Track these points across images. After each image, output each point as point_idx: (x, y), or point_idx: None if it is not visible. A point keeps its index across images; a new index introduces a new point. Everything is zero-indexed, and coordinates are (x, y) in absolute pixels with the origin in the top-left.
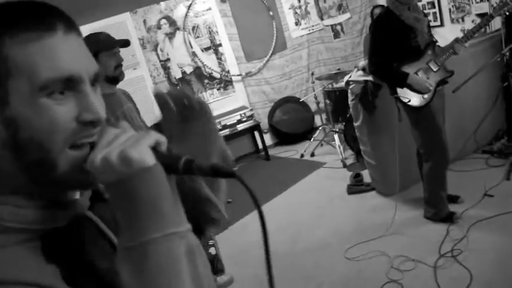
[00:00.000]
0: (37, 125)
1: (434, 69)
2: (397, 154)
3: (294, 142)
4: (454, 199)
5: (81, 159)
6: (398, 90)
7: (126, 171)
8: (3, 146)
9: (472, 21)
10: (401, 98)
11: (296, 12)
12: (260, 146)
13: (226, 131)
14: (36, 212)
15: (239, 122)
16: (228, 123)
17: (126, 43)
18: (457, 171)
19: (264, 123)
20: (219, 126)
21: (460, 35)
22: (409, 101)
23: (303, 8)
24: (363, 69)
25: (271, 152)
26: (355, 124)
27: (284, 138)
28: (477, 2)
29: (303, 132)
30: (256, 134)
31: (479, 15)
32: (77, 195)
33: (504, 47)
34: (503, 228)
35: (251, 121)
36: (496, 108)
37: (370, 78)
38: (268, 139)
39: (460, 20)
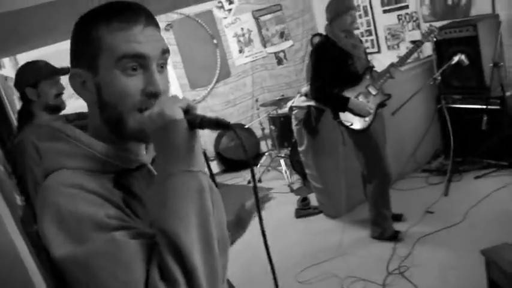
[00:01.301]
0: (112, 91)
1: (374, 93)
2: (343, 176)
3: (241, 169)
4: (397, 218)
5: (144, 118)
6: (341, 114)
7: (159, 122)
8: (95, 103)
9: (407, 48)
10: (343, 122)
11: (239, 40)
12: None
13: None
14: (116, 153)
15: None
16: None
17: (68, 71)
18: (399, 191)
19: (210, 151)
20: None
21: (396, 60)
22: (351, 124)
23: (246, 36)
24: (306, 95)
25: (218, 179)
26: (300, 149)
27: (231, 165)
28: (410, 30)
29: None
30: None
31: (412, 41)
32: (144, 151)
33: (436, 71)
34: (444, 242)
35: None
36: (432, 129)
37: (312, 103)
38: (215, 166)
39: (396, 46)
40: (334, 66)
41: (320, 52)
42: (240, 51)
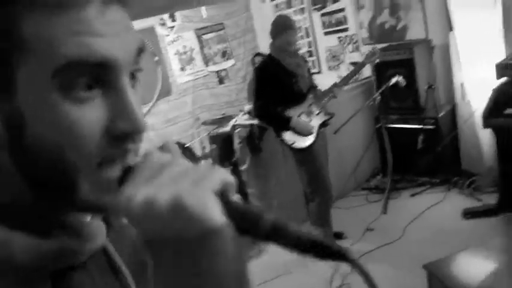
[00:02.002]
0: (47, 131)
1: (316, 112)
2: (285, 194)
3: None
4: (339, 236)
5: (110, 183)
6: (283, 133)
7: (178, 227)
8: (3, 150)
9: (348, 69)
10: (286, 141)
11: (181, 58)
12: None
13: None
14: (50, 243)
15: None
16: None
17: None
18: (340, 209)
19: None
20: None
21: (337, 81)
22: (294, 143)
23: (188, 54)
24: (249, 113)
25: None
26: (242, 167)
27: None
28: (350, 52)
29: None
30: None
31: (352, 63)
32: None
33: (375, 92)
34: (386, 258)
35: None
36: (371, 148)
37: (255, 121)
38: None
39: (336, 67)
40: (278, 84)
41: (263, 70)
42: (182, 69)
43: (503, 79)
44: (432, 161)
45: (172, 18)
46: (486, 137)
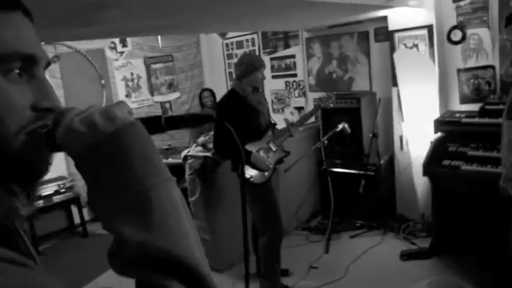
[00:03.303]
0: None
1: (274, 149)
2: (235, 229)
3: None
4: (284, 272)
5: (38, 141)
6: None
7: (111, 128)
8: None
9: (291, 113)
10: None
11: (128, 85)
12: (77, 221)
13: (40, 203)
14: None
15: (56, 193)
16: (42, 194)
17: None
18: (283, 247)
19: (84, 196)
20: None
21: (283, 123)
22: (251, 177)
23: (135, 81)
24: (203, 145)
25: (89, 227)
26: (191, 199)
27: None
28: (296, 97)
29: None
30: (73, 207)
31: (296, 107)
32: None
33: (321, 136)
34: None
35: (70, 193)
36: (313, 190)
37: (209, 154)
38: (87, 214)
39: (281, 110)
40: (239, 119)
41: (226, 105)
42: (127, 95)
43: (439, 134)
44: (371, 205)
45: (123, 43)
46: (420, 186)
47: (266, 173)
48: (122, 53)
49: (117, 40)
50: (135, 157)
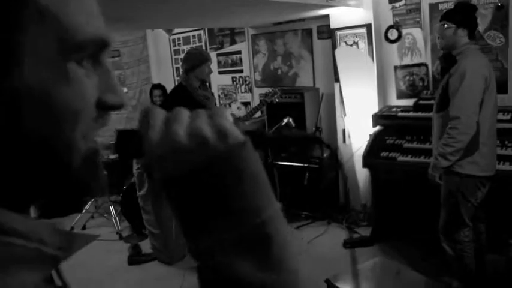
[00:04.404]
0: (60, 103)
1: None
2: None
3: (61, 214)
4: None
5: (95, 153)
6: None
7: (222, 147)
8: None
9: (238, 108)
10: None
11: None
12: None
13: None
14: (49, 227)
15: None
16: None
17: None
18: None
19: None
20: None
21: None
22: None
23: None
24: None
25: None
26: (139, 193)
27: (50, 210)
28: (242, 92)
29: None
30: None
31: (243, 103)
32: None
33: (267, 129)
34: None
35: None
36: None
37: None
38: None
39: (228, 105)
40: None
41: (173, 99)
42: None
43: (378, 127)
44: (315, 197)
45: None
46: (362, 177)
47: None
48: None
49: None
50: (248, 183)
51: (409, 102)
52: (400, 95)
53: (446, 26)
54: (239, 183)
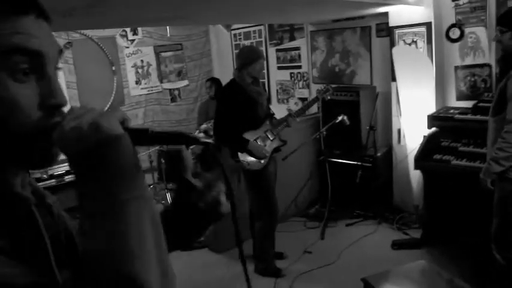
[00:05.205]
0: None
1: (271, 138)
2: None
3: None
4: (279, 256)
5: (49, 127)
6: (239, 154)
7: (96, 138)
8: None
9: (295, 103)
10: (241, 162)
11: (138, 72)
12: None
13: (53, 181)
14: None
15: (68, 172)
16: (55, 173)
17: None
18: (280, 232)
19: None
20: (45, 176)
21: (285, 113)
22: (248, 164)
23: (145, 68)
24: (205, 132)
25: None
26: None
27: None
28: (300, 88)
29: None
30: None
31: (300, 98)
32: (19, 188)
33: (321, 126)
34: (321, 278)
35: None
36: (312, 179)
37: (210, 140)
38: None
39: (285, 100)
40: (239, 109)
41: (227, 94)
42: (137, 82)
43: (433, 129)
44: (367, 195)
45: (134, 31)
46: (415, 179)
47: (263, 161)
48: (132, 40)
49: (128, 28)
50: (112, 171)
51: (468, 104)
52: (460, 97)
53: (502, 30)
54: (104, 170)
